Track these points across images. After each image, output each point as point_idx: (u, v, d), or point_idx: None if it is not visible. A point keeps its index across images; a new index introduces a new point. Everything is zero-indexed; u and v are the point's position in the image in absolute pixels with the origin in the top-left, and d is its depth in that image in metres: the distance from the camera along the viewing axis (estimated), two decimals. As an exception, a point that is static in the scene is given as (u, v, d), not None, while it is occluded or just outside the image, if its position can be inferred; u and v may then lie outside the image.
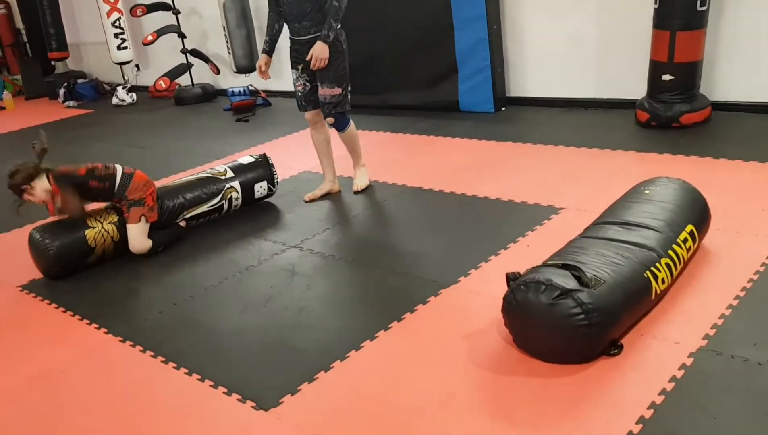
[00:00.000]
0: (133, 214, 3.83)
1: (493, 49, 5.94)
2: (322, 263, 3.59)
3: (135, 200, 3.84)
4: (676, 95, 4.92)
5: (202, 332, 3.09)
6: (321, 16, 4.05)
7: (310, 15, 4.07)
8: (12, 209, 3.76)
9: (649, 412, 2.17)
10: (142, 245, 3.87)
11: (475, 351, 2.64)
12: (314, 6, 4.05)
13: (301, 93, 4.38)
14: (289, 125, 6.65)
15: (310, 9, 4.05)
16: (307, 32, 4.14)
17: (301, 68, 4.28)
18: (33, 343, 3.20)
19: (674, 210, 2.96)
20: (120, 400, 2.66)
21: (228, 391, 2.60)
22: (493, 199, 4.11)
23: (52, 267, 3.74)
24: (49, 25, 9.86)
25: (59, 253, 3.70)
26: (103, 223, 3.84)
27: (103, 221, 3.85)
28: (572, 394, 2.32)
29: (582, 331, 2.37)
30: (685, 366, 2.38)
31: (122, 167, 3.91)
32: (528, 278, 2.49)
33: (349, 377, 2.60)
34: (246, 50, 7.71)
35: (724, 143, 4.53)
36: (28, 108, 9.88)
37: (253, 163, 4.47)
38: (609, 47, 5.59)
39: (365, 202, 4.37)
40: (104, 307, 3.44)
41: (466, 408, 2.34)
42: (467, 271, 3.27)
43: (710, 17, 4.84)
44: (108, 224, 3.85)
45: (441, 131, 5.71)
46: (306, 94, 4.36)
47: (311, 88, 4.32)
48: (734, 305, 2.70)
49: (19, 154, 7.12)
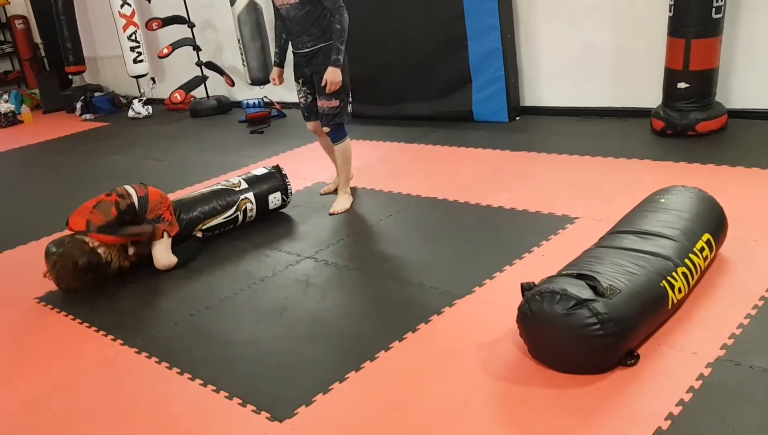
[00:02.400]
0: (156, 232, 3.84)
1: (507, 58, 5.93)
2: (337, 274, 3.59)
3: (154, 218, 3.85)
4: (691, 103, 4.89)
5: (217, 343, 3.09)
6: (320, 31, 4.15)
7: (310, 30, 4.16)
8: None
9: (667, 423, 2.15)
10: (167, 261, 3.88)
11: (489, 361, 2.62)
12: (314, 22, 4.13)
13: (303, 105, 4.54)
14: (303, 137, 6.67)
15: (310, 25, 4.14)
16: (305, 46, 4.23)
17: (302, 81, 4.42)
18: (49, 354, 3.22)
19: (690, 219, 2.94)
20: (135, 411, 2.67)
21: (243, 402, 2.60)
22: (508, 209, 4.10)
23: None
24: (66, 39, 9.96)
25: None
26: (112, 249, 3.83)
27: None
28: (588, 405, 2.30)
29: (597, 342, 2.35)
30: (703, 376, 2.35)
31: (134, 189, 3.88)
32: (543, 288, 2.48)
33: (364, 388, 2.59)
34: (260, 62, 7.75)
35: (741, 151, 4.50)
36: (45, 121, 9.99)
37: (266, 175, 4.48)
38: (623, 55, 5.57)
39: (379, 212, 4.37)
40: (120, 318, 3.45)
41: (481, 418, 2.32)
42: (482, 281, 3.26)
43: (725, 24, 4.81)
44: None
45: (455, 141, 5.71)
46: (308, 106, 4.51)
47: (312, 100, 4.45)
48: (753, 315, 2.67)
49: (36, 169, 7.22)
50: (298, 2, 4.07)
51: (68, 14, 9.88)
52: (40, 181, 6.56)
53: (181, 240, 4.00)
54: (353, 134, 6.42)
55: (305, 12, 4.10)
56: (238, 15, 7.67)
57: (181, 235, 4.00)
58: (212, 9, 8.53)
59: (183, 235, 4.02)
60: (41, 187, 6.34)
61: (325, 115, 4.32)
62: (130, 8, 9.01)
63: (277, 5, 4.23)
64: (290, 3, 4.10)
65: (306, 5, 4.08)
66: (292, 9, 4.12)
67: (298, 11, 4.11)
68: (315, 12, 4.10)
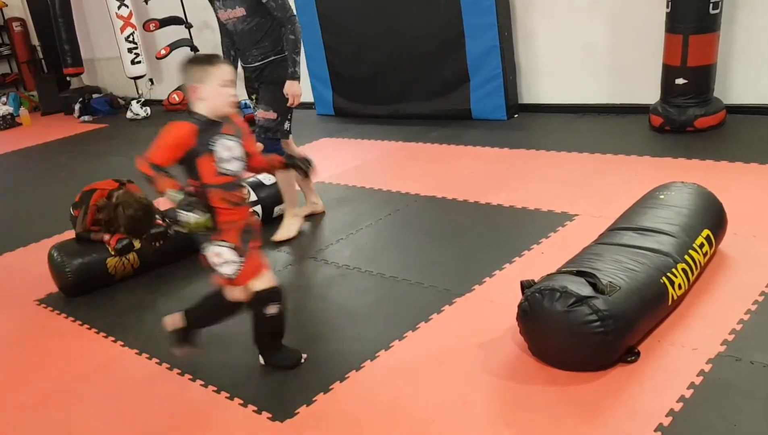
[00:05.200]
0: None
1: (504, 56, 5.93)
2: (336, 273, 3.59)
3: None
4: (689, 99, 4.89)
5: (217, 344, 3.09)
6: (271, 44, 3.89)
7: (261, 43, 3.90)
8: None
9: (668, 420, 2.15)
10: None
11: (490, 359, 2.62)
12: (264, 34, 3.88)
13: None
14: (301, 137, 6.65)
15: (260, 37, 3.88)
16: (255, 59, 3.96)
17: (256, 97, 4.12)
18: (50, 356, 3.22)
19: (690, 215, 2.94)
20: (136, 413, 2.67)
21: (244, 403, 2.60)
22: (507, 207, 4.10)
23: (70, 288, 3.75)
24: (63, 41, 9.95)
25: (78, 278, 3.71)
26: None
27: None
28: (589, 402, 2.30)
29: (598, 339, 2.35)
30: (703, 372, 2.35)
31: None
32: (543, 286, 2.48)
33: (365, 387, 2.59)
34: (258, 62, 7.74)
35: (740, 147, 4.50)
36: (44, 123, 9.99)
37: (276, 187, 4.35)
38: (621, 52, 5.57)
39: (378, 212, 4.37)
40: (121, 320, 3.46)
41: (481, 416, 2.33)
42: (481, 279, 3.26)
43: (723, 20, 4.81)
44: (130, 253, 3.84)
45: (453, 140, 5.71)
46: None
47: None
48: (753, 310, 2.67)
49: (35, 171, 7.21)
50: (245, 15, 3.82)
51: (66, 16, 9.87)
52: (38, 184, 6.56)
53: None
54: (352, 133, 6.45)
55: (254, 24, 3.84)
56: (236, 15, 7.65)
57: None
58: (209, 10, 8.40)
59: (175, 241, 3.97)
60: (40, 189, 6.33)
61: (259, 126, 4.00)
62: (128, 9, 9.01)
63: (223, 20, 3.96)
64: (237, 16, 3.85)
65: (254, 17, 3.82)
66: (240, 22, 3.87)
67: (246, 24, 3.85)
68: (265, 24, 3.84)
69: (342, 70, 7.15)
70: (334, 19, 6.96)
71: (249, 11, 3.80)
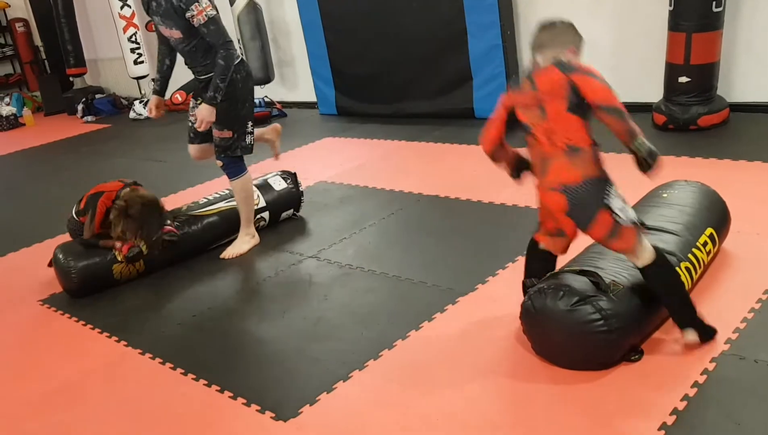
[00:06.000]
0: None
1: (507, 55, 5.93)
2: (339, 273, 3.59)
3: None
4: (693, 97, 4.88)
5: (220, 344, 3.10)
6: (213, 62, 3.66)
7: (202, 62, 3.76)
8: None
9: (672, 419, 2.15)
10: None
11: (493, 358, 2.62)
12: (204, 53, 3.73)
13: (192, 123, 3.98)
14: (304, 136, 6.67)
15: (201, 56, 3.75)
16: (199, 74, 3.83)
17: (199, 101, 3.89)
18: (53, 356, 3.22)
19: (693, 213, 2.93)
20: (140, 413, 2.67)
21: (247, 402, 2.60)
22: (510, 206, 4.10)
23: (75, 290, 3.75)
24: (66, 41, 9.97)
25: (83, 280, 3.71)
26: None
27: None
28: (593, 401, 2.29)
29: (601, 338, 2.34)
30: (707, 371, 2.34)
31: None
32: (546, 285, 2.48)
33: (368, 387, 2.59)
34: (261, 62, 7.75)
35: (743, 145, 4.49)
36: (47, 124, 10.00)
37: (285, 192, 4.37)
38: (624, 50, 5.56)
39: (381, 211, 4.37)
40: (124, 320, 3.46)
41: (485, 415, 2.32)
42: (484, 278, 3.26)
43: (726, 18, 4.80)
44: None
45: (456, 139, 5.71)
46: (194, 127, 3.96)
47: None
48: (756, 309, 2.66)
49: (38, 171, 7.22)
50: (182, 37, 3.68)
51: (68, 16, 9.89)
52: (42, 184, 6.56)
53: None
54: (355, 132, 6.45)
55: (192, 46, 3.71)
56: (238, 15, 7.66)
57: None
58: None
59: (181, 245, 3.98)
60: (43, 189, 6.34)
61: (216, 146, 3.88)
62: (130, 10, 9.02)
63: (164, 35, 3.82)
64: (174, 37, 3.72)
65: (191, 39, 3.68)
66: (179, 43, 3.74)
67: (185, 45, 3.73)
68: (203, 44, 3.70)
69: (345, 69, 7.15)
70: (337, 18, 6.96)
71: (185, 34, 3.67)
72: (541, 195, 2.49)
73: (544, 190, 2.46)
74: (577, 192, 2.35)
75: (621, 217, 2.36)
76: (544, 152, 2.41)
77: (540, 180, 2.47)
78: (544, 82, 2.37)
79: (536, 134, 2.40)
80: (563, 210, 2.41)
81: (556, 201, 2.41)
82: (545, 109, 2.36)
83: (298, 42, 7.66)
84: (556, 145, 2.36)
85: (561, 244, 2.60)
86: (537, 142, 2.42)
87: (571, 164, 2.36)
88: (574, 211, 2.40)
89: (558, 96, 2.33)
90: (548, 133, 2.37)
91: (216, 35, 3.61)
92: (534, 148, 2.45)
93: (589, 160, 2.37)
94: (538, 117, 2.39)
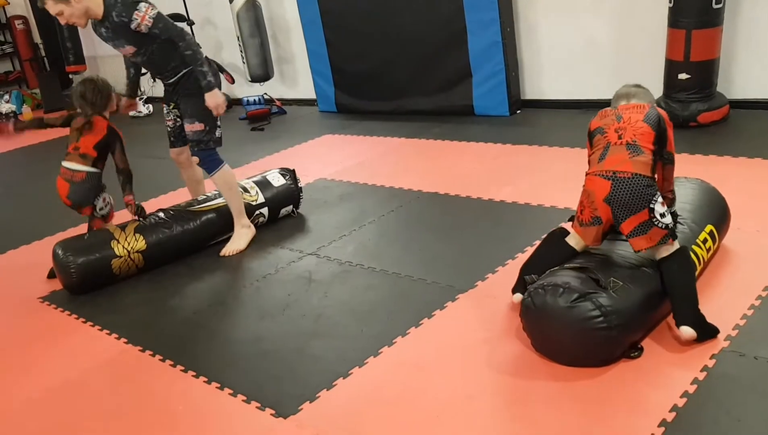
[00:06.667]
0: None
1: (507, 52, 5.93)
2: (339, 270, 3.59)
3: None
4: (692, 94, 4.88)
5: (220, 341, 3.10)
6: (179, 59, 3.74)
7: (168, 64, 3.80)
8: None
9: (671, 415, 2.15)
10: None
11: (493, 355, 2.62)
12: (166, 55, 3.75)
13: (170, 128, 4.14)
14: (304, 133, 6.67)
15: (164, 60, 3.78)
16: (167, 79, 3.89)
17: (172, 105, 4.05)
18: (53, 353, 3.22)
19: (693, 210, 2.93)
20: (140, 410, 2.67)
21: (247, 399, 2.60)
22: (510, 203, 4.10)
23: (74, 286, 3.75)
24: (66, 38, 9.95)
25: (83, 276, 3.71)
26: (131, 253, 3.81)
27: (131, 250, 3.81)
28: (592, 398, 2.30)
29: (601, 334, 2.35)
30: (707, 368, 2.35)
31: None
32: (546, 281, 2.48)
33: (368, 383, 2.59)
34: (260, 59, 7.75)
35: (743, 141, 4.49)
36: (47, 121, 9.98)
37: (284, 189, 4.37)
38: (624, 47, 5.55)
39: (381, 208, 4.37)
40: (124, 317, 3.46)
41: (485, 412, 2.33)
42: (484, 275, 3.26)
43: (726, 14, 4.79)
44: (135, 254, 3.83)
45: (456, 136, 5.70)
46: (175, 130, 4.13)
47: (181, 124, 4.05)
48: (756, 306, 2.66)
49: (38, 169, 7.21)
50: (137, 50, 3.71)
51: (68, 13, 9.87)
52: (42, 182, 6.54)
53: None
54: (354, 130, 6.45)
55: (150, 53, 3.73)
56: (237, 12, 7.65)
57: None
58: (211, 6, 8.51)
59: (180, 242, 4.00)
60: (43, 187, 6.31)
61: (190, 140, 3.93)
62: (130, 7, 8.99)
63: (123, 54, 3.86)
64: (129, 53, 3.75)
65: (147, 47, 3.70)
66: (137, 56, 3.78)
67: (143, 56, 3.75)
68: (162, 47, 3.70)
69: (344, 67, 7.15)
70: (336, 15, 6.95)
71: (138, 45, 3.69)
72: (588, 182, 2.57)
73: (594, 175, 2.54)
74: (624, 183, 2.45)
75: (660, 221, 2.48)
76: (608, 142, 2.52)
77: (593, 168, 2.56)
78: (629, 109, 2.58)
79: (607, 132, 2.54)
80: (604, 195, 2.49)
81: (602, 186, 2.50)
82: (622, 117, 2.54)
83: (298, 39, 7.65)
84: (622, 138, 2.49)
85: (593, 233, 2.62)
86: (604, 137, 2.55)
87: (629, 158, 2.48)
88: (614, 198, 2.48)
89: (638, 112, 2.56)
90: (619, 130, 2.52)
91: (167, 31, 3.65)
92: (599, 142, 2.58)
93: (646, 162, 2.49)
94: (612, 121, 2.58)
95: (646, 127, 2.51)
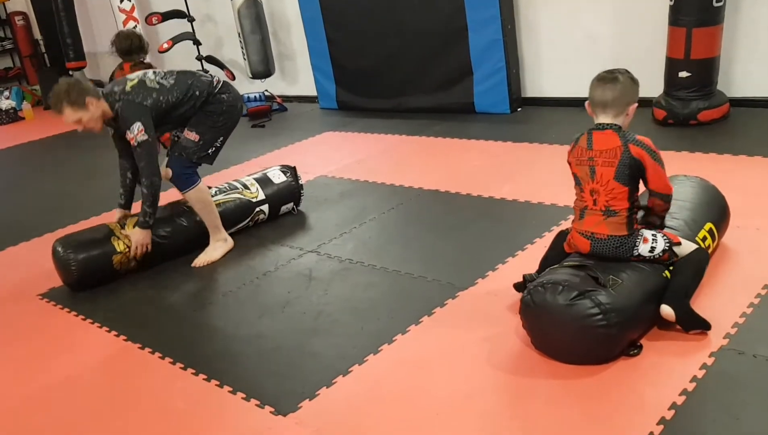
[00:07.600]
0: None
1: (507, 49, 5.92)
2: (339, 267, 3.59)
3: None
4: (693, 92, 4.87)
5: (220, 338, 3.10)
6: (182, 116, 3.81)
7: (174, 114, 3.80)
8: None
9: (670, 413, 2.15)
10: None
11: (493, 353, 2.62)
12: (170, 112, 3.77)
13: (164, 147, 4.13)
14: (304, 130, 6.67)
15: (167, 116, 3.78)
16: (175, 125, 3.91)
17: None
18: (52, 351, 3.23)
19: (692, 208, 2.93)
20: (139, 407, 2.68)
21: (246, 397, 2.60)
22: (510, 201, 4.10)
23: (75, 282, 3.75)
24: (66, 35, 9.93)
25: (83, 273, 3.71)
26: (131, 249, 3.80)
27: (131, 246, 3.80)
28: (591, 396, 2.30)
29: (600, 332, 2.35)
30: (706, 366, 2.35)
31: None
32: (545, 279, 2.48)
33: (368, 381, 2.60)
34: (261, 56, 7.74)
35: (743, 140, 4.49)
36: (47, 118, 9.95)
37: (284, 186, 4.36)
38: (624, 45, 5.54)
39: (381, 205, 4.37)
40: (123, 314, 3.46)
41: (485, 410, 2.33)
42: (484, 273, 3.26)
43: (727, 12, 4.79)
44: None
45: (457, 133, 5.70)
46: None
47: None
48: (756, 304, 2.66)
49: (37, 165, 7.22)
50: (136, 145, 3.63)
51: (68, 10, 9.85)
52: (41, 178, 6.57)
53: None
54: (355, 127, 6.45)
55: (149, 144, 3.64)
56: (238, 8, 7.65)
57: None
58: (212, 3, 8.51)
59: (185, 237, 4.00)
60: (43, 183, 6.34)
61: (175, 145, 3.88)
62: (130, 3, 8.99)
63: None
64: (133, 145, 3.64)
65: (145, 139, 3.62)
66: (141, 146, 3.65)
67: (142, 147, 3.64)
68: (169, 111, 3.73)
69: (345, 64, 7.14)
70: (337, 12, 6.95)
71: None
72: (572, 236, 2.71)
73: (575, 232, 2.68)
74: (602, 243, 2.58)
75: (651, 255, 2.58)
76: (585, 205, 2.65)
77: (575, 224, 2.70)
78: (601, 143, 2.60)
79: (584, 189, 2.65)
80: (587, 251, 2.64)
81: (583, 243, 2.64)
82: (595, 172, 2.60)
83: (299, 36, 7.65)
84: (597, 204, 2.60)
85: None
86: (581, 196, 2.67)
87: (604, 222, 2.58)
88: (597, 254, 2.61)
89: (610, 164, 2.56)
90: (594, 194, 2.61)
91: (142, 159, 3.64)
92: (578, 198, 2.69)
93: (621, 222, 2.56)
94: (587, 176, 2.63)
95: (617, 187, 2.54)
